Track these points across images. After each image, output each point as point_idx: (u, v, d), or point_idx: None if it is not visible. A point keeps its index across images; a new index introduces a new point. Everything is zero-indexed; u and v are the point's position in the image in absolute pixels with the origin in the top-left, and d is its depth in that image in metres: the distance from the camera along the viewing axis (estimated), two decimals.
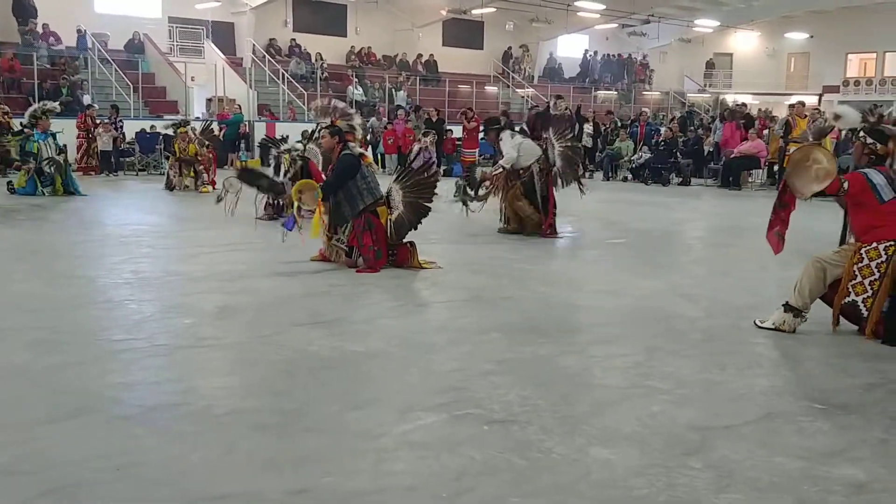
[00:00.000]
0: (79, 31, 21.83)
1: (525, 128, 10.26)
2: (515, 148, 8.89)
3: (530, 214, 9.03)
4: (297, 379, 4.05)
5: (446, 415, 3.58)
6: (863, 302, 4.81)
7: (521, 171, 8.95)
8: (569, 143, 9.12)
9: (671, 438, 3.38)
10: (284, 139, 11.19)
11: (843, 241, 5.22)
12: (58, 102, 14.68)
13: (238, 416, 3.54)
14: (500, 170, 9.01)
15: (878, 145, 5.04)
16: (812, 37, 34.61)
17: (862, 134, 5.15)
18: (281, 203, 8.72)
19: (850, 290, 4.84)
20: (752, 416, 3.65)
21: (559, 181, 9.05)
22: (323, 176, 9.78)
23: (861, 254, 4.82)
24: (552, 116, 10.63)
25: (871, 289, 4.77)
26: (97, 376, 4.05)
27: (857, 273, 4.81)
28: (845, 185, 4.88)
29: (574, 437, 3.37)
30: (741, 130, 17.13)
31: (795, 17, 33.53)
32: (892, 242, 4.78)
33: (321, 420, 3.52)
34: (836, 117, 5.74)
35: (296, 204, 7.04)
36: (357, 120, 9.73)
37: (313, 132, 9.57)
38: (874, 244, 4.79)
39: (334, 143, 7.14)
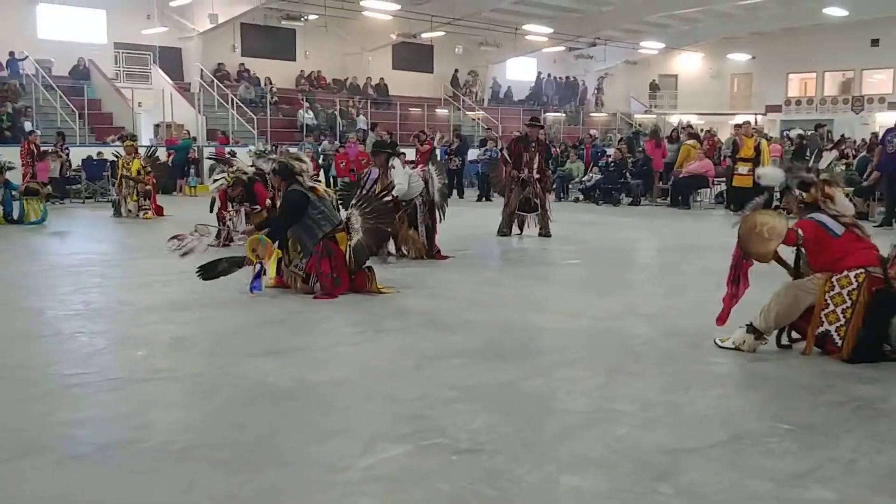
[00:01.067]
0: (10, 54, 21.39)
1: (506, 153, 11.17)
2: (406, 179, 8.77)
3: (418, 241, 8.93)
4: (257, 411, 3.94)
5: (412, 445, 3.50)
6: (836, 330, 4.81)
7: (403, 202, 8.78)
8: (445, 181, 9.42)
9: (639, 463, 3.35)
10: (233, 154, 11.19)
11: (796, 273, 5.24)
12: None
13: (196, 452, 3.42)
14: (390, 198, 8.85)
15: (805, 194, 5.14)
16: (754, 58, 35.48)
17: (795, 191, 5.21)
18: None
19: (823, 319, 4.85)
20: (720, 438, 3.64)
21: (438, 212, 9.11)
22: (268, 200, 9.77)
23: (832, 282, 4.84)
24: (528, 142, 11.07)
25: (844, 317, 4.79)
26: (47, 413, 3.90)
27: (829, 301, 4.83)
28: (800, 232, 4.95)
29: (543, 464, 3.32)
30: (661, 148, 18.17)
31: (738, 38, 34.36)
32: (862, 269, 4.80)
33: (283, 453, 3.42)
34: (759, 177, 5.86)
35: (255, 263, 6.78)
36: (301, 154, 9.68)
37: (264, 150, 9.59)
38: (844, 272, 4.82)
39: (279, 182, 7.07)
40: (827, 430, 3.75)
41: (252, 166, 10.33)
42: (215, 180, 10.22)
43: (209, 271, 6.84)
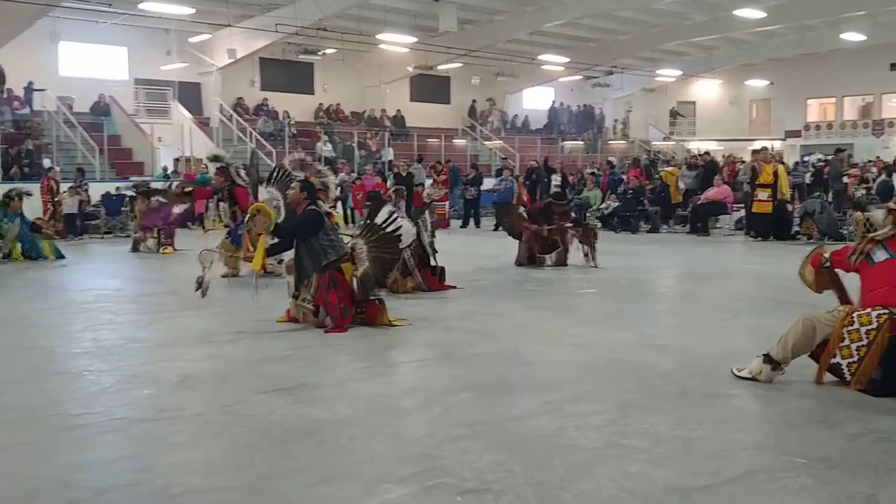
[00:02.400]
0: (26, 88, 21.68)
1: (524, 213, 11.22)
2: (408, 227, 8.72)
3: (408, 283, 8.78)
4: (260, 452, 3.87)
5: (417, 486, 3.42)
6: (847, 366, 4.71)
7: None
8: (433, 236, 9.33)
9: (650, 502, 3.25)
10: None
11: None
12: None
13: (197, 496, 3.36)
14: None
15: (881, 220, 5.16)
16: (772, 83, 35.38)
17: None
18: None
19: (837, 352, 4.74)
20: (733, 474, 3.53)
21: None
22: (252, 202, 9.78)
23: (853, 317, 4.73)
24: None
25: (858, 354, 4.67)
26: (47, 456, 3.85)
27: (845, 336, 4.72)
28: (825, 255, 5.14)
29: None
30: (643, 176, 18.99)
31: (755, 64, 34.30)
32: (886, 311, 4.68)
33: (285, 496, 3.35)
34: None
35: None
36: (331, 178, 9.73)
37: (272, 174, 9.55)
38: (867, 310, 4.71)
39: (302, 198, 7.05)
40: (844, 465, 3.63)
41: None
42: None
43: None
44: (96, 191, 18.06)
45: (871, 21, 27.22)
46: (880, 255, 4.87)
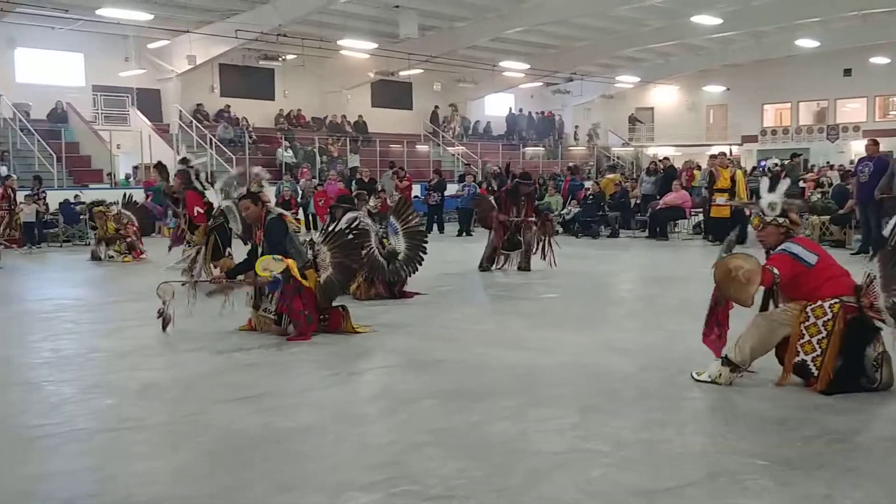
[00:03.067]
0: None
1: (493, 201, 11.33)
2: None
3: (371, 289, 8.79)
4: (224, 461, 3.86)
5: (382, 493, 3.43)
6: (812, 361, 4.80)
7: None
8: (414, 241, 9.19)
9: None
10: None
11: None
12: None
13: None
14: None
15: (788, 220, 5.13)
16: (729, 89, 35.93)
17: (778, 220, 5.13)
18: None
19: (799, 349, 4.84)
20: (695, 477, 3.59)
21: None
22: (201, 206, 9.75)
23: (807, 312, 4.83)
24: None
25: (820, 347, 4.78)
26: (7, 467, 3.80)
27: (804, 332, 4.82)
28: (775, 271, 4.88)
29: None
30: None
31: (712, 70, 34.79)
32: (837, 300, 4.80)
33: None
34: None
35: (269, 276, 6.68)
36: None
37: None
38: (819, 302, 4.82)
39: (259, 210, 6.97)
40: (803, 466, 3.71)
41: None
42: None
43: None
44: (54, 199, 17.80)
45: (825, 28, 27.78)
46: (811, 257, 4.95)
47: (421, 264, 9.05)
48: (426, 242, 9.23)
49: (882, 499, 3.37)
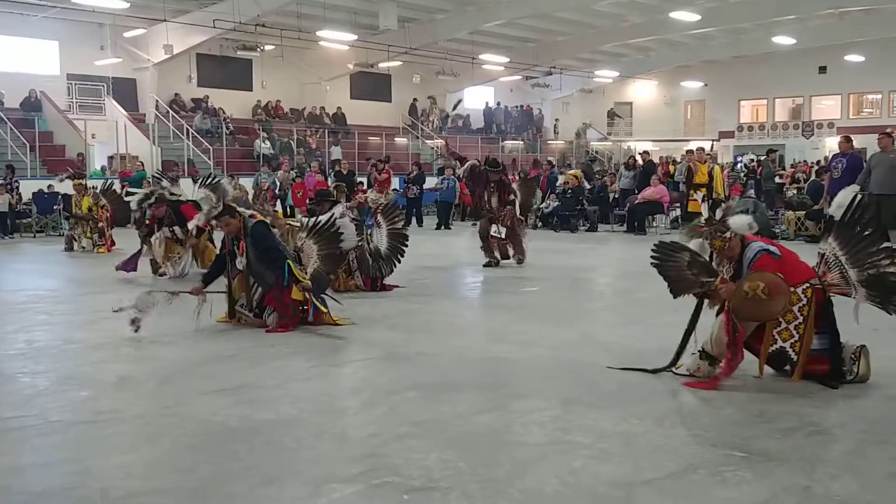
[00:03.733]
0: None
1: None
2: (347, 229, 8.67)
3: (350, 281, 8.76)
4: (203, 453, 3.82)
5: (363, 485, 3.41)
6: (791, 346, 4.84)
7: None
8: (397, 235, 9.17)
9: (594, 498, 3.30)
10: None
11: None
12: None
13: (137, 499, 3.30)
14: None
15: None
16: (706, 85, 36.15)
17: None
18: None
19: (777, 336, 4.87)
20: (675, 468, 3.60)
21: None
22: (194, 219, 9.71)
23: None
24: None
25: (797, 332, 4.82)
26: None
27: (780, 320, 4.86)
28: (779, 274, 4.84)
29: (496, 501, 3.25)
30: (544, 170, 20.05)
31: (690, 66, 34.98)
32: (808, 284, 4.86)
33: (229, 499, 3.31)
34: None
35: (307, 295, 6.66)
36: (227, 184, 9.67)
37: (205, 179, 9.64)
38: (792, 289, 4.85)
39: (238, 222, 6.87)
40: (782, 457, 3.73)
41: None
42: (134, 195, 10.37)
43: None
44: (27, 188, 17.58)
45: (802, 25, 28.01)
46: (776, 250, 5.03)
47: (396, 265, 9.03)
48: (406, 245, 9.15)
49: (859, 490, 3.39)
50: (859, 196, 4.92)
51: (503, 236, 10.90)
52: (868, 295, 4.83)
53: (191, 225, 9.50)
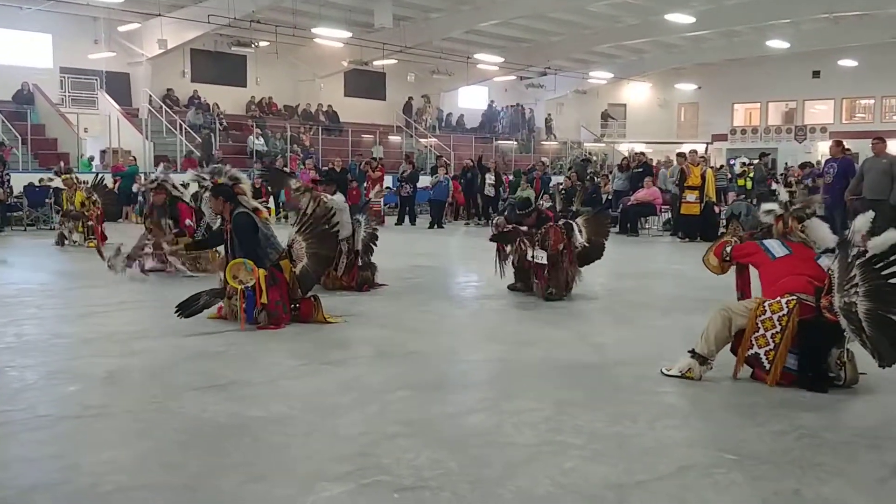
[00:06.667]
0: None
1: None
2: (346, 221, 8.56)
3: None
4: (192, 449, 3.79)
5: (353, 484, 3.39)
6: (765, 354, 4.84)
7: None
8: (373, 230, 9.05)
9: (586, 499, 3.29)
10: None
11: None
12: None
13: (125, 495, 3.27)
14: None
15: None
16: (700, 88, 36.25)
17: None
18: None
19: (753, 342, 4.88)
20: (666, 470, 3.59)
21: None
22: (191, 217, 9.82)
23: (764, 307, 4.88)
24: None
25: (773, 342, 4.81)
26: None
27: (759, 325, 4.86)
28: (727, 248, 5.47)
29: (487, 501, 3.24)
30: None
31: (684, 69, 35.07)
32: (794, 297, 4.85)
33: (218, 495, 3.29)
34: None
35: (239, 288, 6.53)
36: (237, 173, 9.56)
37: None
38: (777, 298, 4.86)
39: (222, 203, 6.86)
40: (772, 461, 3.73)
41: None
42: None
43: (188, 307, 6.52)
44: (19, 182, 17.48)
45: (795, 29, 28.10)
46: (780, 251, 5.15)
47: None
48: (375, 245, 9.07)
49: (849, 494, 3.40)
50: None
51: (543, 261, 8.11)
52: (847, 325, 4.61)
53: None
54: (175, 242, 9.14)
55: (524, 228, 8.39)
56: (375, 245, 9.04)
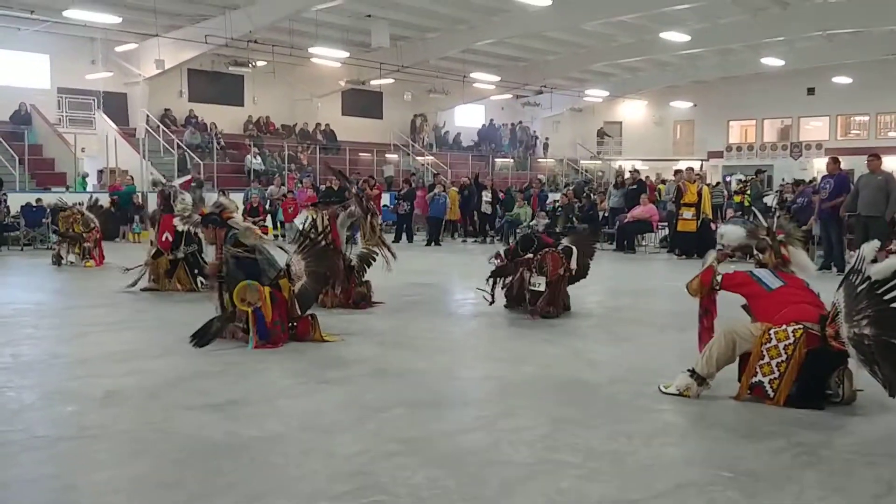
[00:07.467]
0: None
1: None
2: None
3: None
4: (189, 470, 3.79)
5: (351, 503, 3.39)
6: (769, 383, 4.83)
7: None
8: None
9: None
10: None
11: None
12: None
13: None
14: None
15: (761, 256, 5.58)
16: (696, 105, 36.42)
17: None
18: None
19: (758, 370, 4.86)
20: (663, 488, 3.60)
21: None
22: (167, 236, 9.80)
23: (770, 334, 4.85)
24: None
25: (778, 370, 4.80)
26: None
27: (764, 353, 4.84)
28: (718, 277, 5.36)
29: None
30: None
31: (679, 86, 35.24)
32: (800, 326, 4.82)
33: None
34: (720, 236, 6.14)
35: (248, 311, 6.52)
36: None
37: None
38: (783, 326, 4.85)
39: (215, 231, 6.88)
40: (769, 478, 3.73)
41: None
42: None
43: (202, 336, 6.41)
44: (16, 201, 17.51)
45: (790, 47, 28.26)
46: (775, 282, 5.17)
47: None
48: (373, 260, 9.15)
49: None
50: None
51: (541, 288, 8.11)
52: (857, 356, 4.49)
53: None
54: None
55: (528, 256, 8.39)
56: (374, 260, 9.07)
